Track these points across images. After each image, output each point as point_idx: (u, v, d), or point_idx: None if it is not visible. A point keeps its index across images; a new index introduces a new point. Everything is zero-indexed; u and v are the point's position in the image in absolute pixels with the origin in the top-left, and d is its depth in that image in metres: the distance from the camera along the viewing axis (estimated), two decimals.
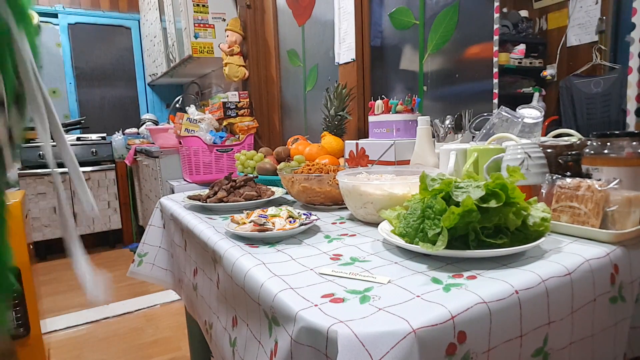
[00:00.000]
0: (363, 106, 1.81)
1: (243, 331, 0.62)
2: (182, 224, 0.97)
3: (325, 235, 0.76)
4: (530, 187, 0.75)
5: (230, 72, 2.58)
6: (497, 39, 1.20)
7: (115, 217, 3.48)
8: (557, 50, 1.08)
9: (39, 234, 3.20)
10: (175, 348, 1.88)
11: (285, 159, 1.45)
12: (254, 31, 2.60)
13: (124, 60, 3.99)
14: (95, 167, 3.38)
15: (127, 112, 4.03)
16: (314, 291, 0.50)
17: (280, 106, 2.60)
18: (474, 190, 0.56)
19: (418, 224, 0.60)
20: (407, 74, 1.62)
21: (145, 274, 1.14)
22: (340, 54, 1.89)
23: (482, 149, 0.85)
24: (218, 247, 0.73)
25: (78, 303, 2.43)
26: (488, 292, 0.47)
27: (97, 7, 3.80)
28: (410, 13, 1.55)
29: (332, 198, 0.95)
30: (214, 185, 1.07)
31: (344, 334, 0.40)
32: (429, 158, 1.03)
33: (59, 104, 3.72)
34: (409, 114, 1.23)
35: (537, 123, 0.96)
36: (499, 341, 0.46)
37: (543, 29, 1.13)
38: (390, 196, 0.77)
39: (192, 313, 0.96)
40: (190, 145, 2.26)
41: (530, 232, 0.59)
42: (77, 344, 1.95)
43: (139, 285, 2.62)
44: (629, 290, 0.60)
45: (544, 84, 1.13)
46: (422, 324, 0.41)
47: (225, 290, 0.69)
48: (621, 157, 0.69)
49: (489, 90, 1.24)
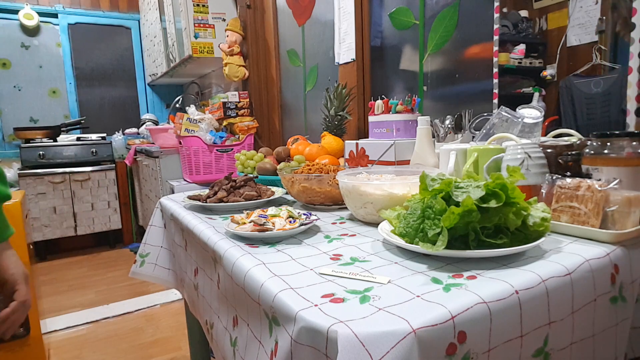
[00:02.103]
0: (363, 106, 1.81)
1: (244, 331, 0.62)
2: (182, 224, 0.97)
3: (325, 235, 0.76)
4: (530, 187, 0.75)
5: (230, 72, 2.58)
6: (497, 39, 1.20)
7: (115, 217, 3.48)
8: (557, 50, 1.08)
9: (39, 234, 3.20)
10: (175, 348, 1.88)
11: (285, 159, 1.45)
12: (254, 31, 2.60)
13: (124, 60, 3.99)
14: (95, 167, 3.38)
15: (127, 112, 4.03)
16: (314, 291, 0.50)
17: (280, 106, 2.60)
18: (474, 190, 0.56)
19: (418, 224, 0.60)
20: (407, 74, 1.62)
21: (147, 274, 1.14)
22: (340, 54, 1.89)
23: (482, 149, 0.85)
24: (218, 247, 0.73)
25: (78, 303, 2.43)
26: (488, 292, 0.47)
27: (97, 7, 3.80)
28: (410, 13, 1.55)
29: (332, 198, 0.95)
30: (214, 185, 1.07)
31: (344, 334, 0.40)
32: (429, 158, 1.03)
33: (59, 104, 3.72)
34: (409, 114, 1.23)
35: (537, 123, 0.95)
36: (499, 341, 0.46)
37: (543, 29, 1.13)
38: (390, 196, 0.77)
39: (194, 312, 0.96)
40: (190, 145, 2.26)
41: (530, 232, 0.59)
42: (77, 344, 1.95)
43: (139, 285, 2.62)
44: (630, 291, 0.60)
45: (544, 84, 1.13)
46: (422, 324, 0.41)
47: (226, 290, 0.69)
48: (621, 157, 0.69)
49: (489, 90, 1.24)
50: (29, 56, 3.58)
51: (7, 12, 3.46)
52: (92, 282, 2.79)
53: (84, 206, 3.34)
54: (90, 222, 3.38)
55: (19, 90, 3.56)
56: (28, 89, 3.60)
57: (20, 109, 3.58)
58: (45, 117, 3.67)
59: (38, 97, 3.64)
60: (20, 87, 3.56)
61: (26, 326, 1.54)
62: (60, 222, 3.26)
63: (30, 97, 3.61)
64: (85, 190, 3.34)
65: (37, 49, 3.61)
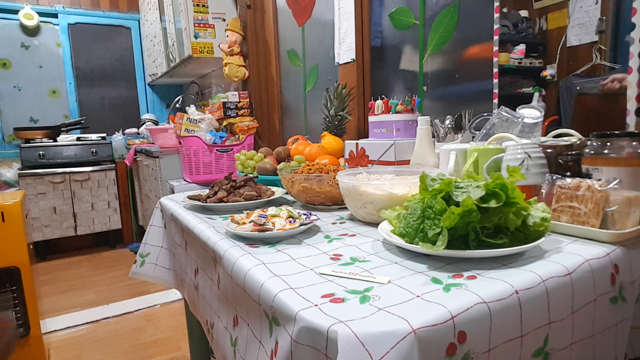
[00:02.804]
0: (363, 106, 1.81)
1: (244, 331, 0.62)
2: (182, 224, 0.97)
3: (325, 235, 0.76)
4: (530, 187, 0.75)
5: (230, 72, 2.58)
6: (497, 39, 1.20)
7: (115, 217, 3.48)
8: (557, 50, 1.08)
9: (39, 234, 3.20)
10: (175, 348, 1.88)
11: (285, 159, 1.45)
12: (254, 31, 2.60)
13: (124, 60, 3.99)
14: (95, 167, 3.38)
15: (127, 112, 4.03)
16: (314, 291, 0.50)
17: (280, 106, 2.60)
18: (474, 190, 0.56)
19: (418, 224, 0.60)
20: (407, 74, 1.62)
21: (148, 274, 1.14)
22: (340, 54, 1.89)
23: (482, 149, 0.85)
24: (218, 247, 0.73)
25: (78, 303, 2.43)
26: (488, 292, 0.47)
27: (97, 7, 3.80)
28: (410, 13, 1.55)
29: (332, 198, 0.95)
30: (214, 185, 1.07)
31: (344, 334, 0.40)
32: (429, 158, 1.03)
33: (59, 104, 3.72)
34: (409, 114, 1.23)
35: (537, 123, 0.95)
36: (499, 341, 0.46)
37: (543, 29, 1.13)
38: (390, 196, 0.77)
39: (194, 312, 0.97)
40: (190, 145, 2.26)
41: (530, 232, 0.59)
42: (77, 344, 1.95)
43: (139, 285, 2.62)
44: (630, 291, 0.60)
45: (544, 84, 1.13)
46: (422, 324, 0.41)
47: (226, 290, 0.69)
48: (621, 157, 0.69)
49: (489, 90, 1.24)
50: (29, 56, 3.58)
51: (7, 12, 3.46)
52: (92, 282, 2.79)
53: (84, 206, 3.34)
54: (90, 222, 3.38)
55: (19, 90, 3.56)
56: (28, 89, 3.60)
57: (20, 109, 3.58)
58: (45, 117, 3.67)
59: (38, 97, 3.64)
60: (20, 87, 3.56)
61: (26, 326, 1.54)
62: (60, 222, 3.26)
63: (30, 97, 3.61)
64: (85, 190, 3.34)
65: (37, 49, 3.61)
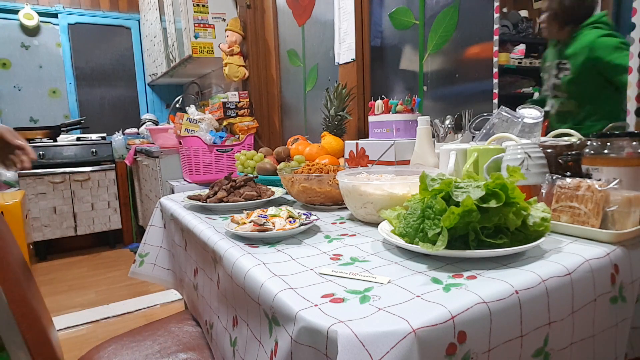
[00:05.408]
0: (363, 106, 1.81)
1: (243, 331, 0.62)
2: (182, 224, 0.97)
3: (325, 235, 0.76)
4: (530, 187, 0.75)
5: (230, 72, 2.58)
6: (497, 39, 1.20)
7: (115, 217, 3.48)
8: None
9: (39, 234, 3.20)
10: None
11: (285, 159, 1.45)
12: (254, 31, 2.60)
13: (124, 60, 3.99)
14: (95, 167, 3.37)
15: (127, 112, 4.03)
16: (314, 291, 0.50)
17: (280, 106, 2.60)
18: (474, 190, 0.56)
19: (418, 224, 0.59)
20: (407, 74, 1.62)
21: (146, 274, 1.15)
22: (340, 54, 1.89)
23: (482, 149, 0.85)
24: (218, 247, 0.73)
25: (78, 303, 2.43)
26: (488, 292, 0.47)
27: (97, 7, 3.80)
28: (410, 13, 1.55)
29: (332, 198, 0.95)
30: (214, 185, 1.06)
31: (344, 334, 0.40)
32: (429, 158, 1.03)
33: (59, 104, 3.72)
34: (409, 114, 1.23)
35: (537, 123, 0.95)
36: (499, 341, 0.46)
37: None
38: (390, 196, 0.77)
39: (193, 313, 0.96)
40: (190, 145, 2.26)
41: (530, 232, 0.59)
42: (77, 344, 1.95)
43: (139, 285, 2.62)
44: (630, 291, 0.60)
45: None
46: (422, 324, 0.41)
47: (226, 290, 0.69)
48: (621, 157, 0.69)
49: (489, 90, 1.24)
50: (29, 56, 3.59)
51: (7, 12, 3.46)
52: (92, 282, 2.79)
53: (84, 206, 3.34)
54: (90, 222, 3.38)
55: (19, 90, 3.57)
56: (28, 89, 3.60)
57: (20, 109, 3.58)
58: (45, 117, 3.67)
59: (38, 97, 3.64)
60: (20, 87, 3.56)
61: None
62: (60, 222, 3.26)
63: (30, 97, 3.61)
64: (85, 190, 3.34)
65: (37, 49, 3.61)
